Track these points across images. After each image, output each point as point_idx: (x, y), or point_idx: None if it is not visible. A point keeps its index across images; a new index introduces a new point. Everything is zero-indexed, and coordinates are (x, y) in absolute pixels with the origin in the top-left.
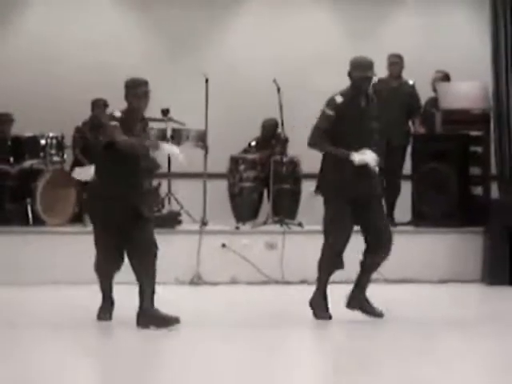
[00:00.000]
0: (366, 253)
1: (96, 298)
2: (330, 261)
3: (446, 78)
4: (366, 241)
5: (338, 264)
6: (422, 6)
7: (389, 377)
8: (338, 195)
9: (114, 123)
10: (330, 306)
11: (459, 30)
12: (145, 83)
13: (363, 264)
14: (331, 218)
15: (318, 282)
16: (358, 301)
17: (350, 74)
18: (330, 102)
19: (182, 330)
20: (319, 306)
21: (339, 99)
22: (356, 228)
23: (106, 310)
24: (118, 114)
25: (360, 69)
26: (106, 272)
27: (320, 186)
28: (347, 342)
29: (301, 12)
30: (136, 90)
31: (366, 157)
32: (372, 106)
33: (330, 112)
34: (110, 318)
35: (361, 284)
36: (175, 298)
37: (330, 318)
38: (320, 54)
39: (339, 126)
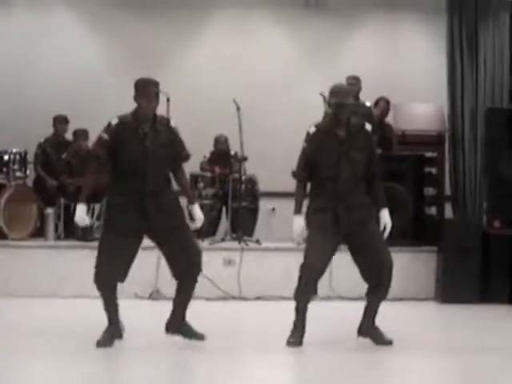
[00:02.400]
0: (368, 289)
1: (53, 310)
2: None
3: (387, 104)
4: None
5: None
6: (381, 28)
7: None
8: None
9: (102, 137)
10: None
11: (416, 52)
12: (155, 83)
13: (367, 297)
14: (309, 240)
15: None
16: (367, 329)
17: (328, 102)
18: (306, 135)
19: (138, 345)
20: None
21: (312, 129)
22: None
23: (110, 335)
24: (114, 121)
25: (337, 95)
26: (110, 281)
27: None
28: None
29: (261, 32)
30: (147, 90)
31: (295, 234)
32: (355, 136)
33: (304, 144)
34: (110, 344)
35: (368, 313)
36: (134, 313)
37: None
38: (279, 74)
39: (318, 158)
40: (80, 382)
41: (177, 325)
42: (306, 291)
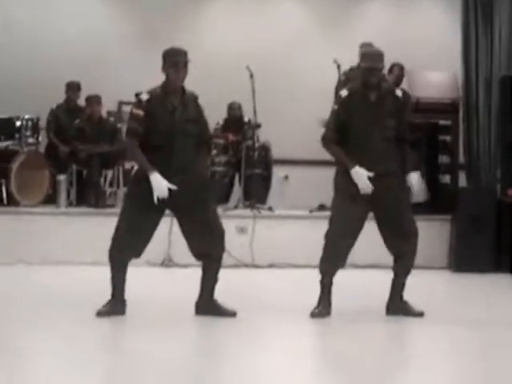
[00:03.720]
0: (393, 261)
1: (66, 277)
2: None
3: (402, 70)
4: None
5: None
6: None
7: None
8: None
9: (136, 113)
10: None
11: (430, 20)
12: (184, 53)
13: (393, 270)
14: (333, 212)
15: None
16: (396, 306)
17: (358, 66)
18: (337, 97)
19: (154, 311)
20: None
21: (344, 93)
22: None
23: (111, 308)
24: (145, 96)
25: (368, 59)
26: (126, 256)
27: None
28: (314, 328)
29: (275, 1)
30: (174, 60)
31: (363, 184)
32: (386, 101)
33: (335, 106)
34: (112, 314)
35: (395, 289)
36: (147, 280)
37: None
38: (292, 41)
39: (349, 123)
40: (91, 350)
41: (205, 305)
42: (330, 263)
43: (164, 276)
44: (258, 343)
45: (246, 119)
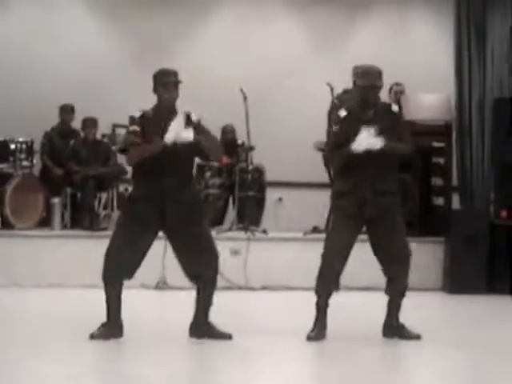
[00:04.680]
0: (386, 284)
1: (60, 300)
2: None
3: (403, 90)
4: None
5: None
6: (388, 18)
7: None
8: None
9: (132, 129)
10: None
11: (423, 42)
12: (174, 73)
13: (386, 291)
14: (329, 231)
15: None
16: (393, 329)
17: (354, 83)
18: (334, 118)
19: (148, 334)
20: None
21: (342, 113)
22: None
23: (106, 331)
24: (137, 114)
25: (367, 77)
26: (119, 277)
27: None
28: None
29: (271, 22)
30: (165, 80)
31: (364, 141)
32: (383, 118)
33: (336, 127)
34: (105, 339)
35: (391, 312)
36: (141, 303)
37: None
38: (286, 64)
39: (347, 143)
40: (83, 373)
41: (200, 328)
42: (326, 284)
43: (158, 299)
44: (252, 367)
45: (239, 142)
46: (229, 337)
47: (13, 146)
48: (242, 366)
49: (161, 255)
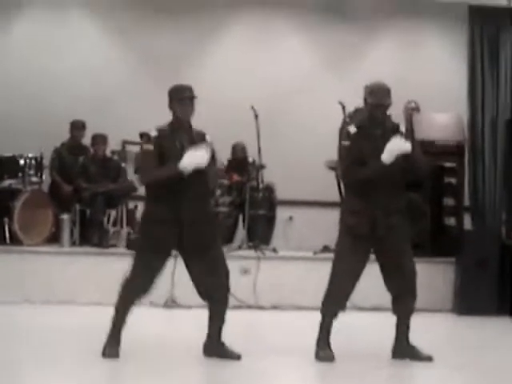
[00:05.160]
0: (392, 303)
1: (69, 316)
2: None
3: (417, 108)
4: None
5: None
6: (401, 37)
7: None
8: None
9: (146, 148)
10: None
11: (436, 61)
12: (189, 89)
13: (394, 311)
14: (338, 252)
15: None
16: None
17: (365, 101)
18: (344, 134)
19: (157, 353)
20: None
21: (353, 129)
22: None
23: (115, 345)
24: (153, 133)
25: (376, 95)
26: (137, 298)
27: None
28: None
29: (282, 40)
30: (181, 96)
31: (395, 146)
32: (391, 137)
33: (346, 143)
34: (118, 354)
35: (400, 332)
36: (149, 321)
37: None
38: (298, 82)
39: (359, 159)
40: None
41: (213, 347)
42: (334, 304)
43: (167, 317)
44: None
45: (250, 160)
46: (238, 357)
47: (22, 162)
48: None
49: (170, 273)
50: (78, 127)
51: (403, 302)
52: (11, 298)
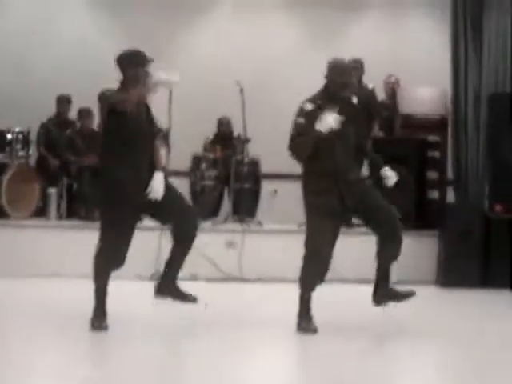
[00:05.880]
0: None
1: (56, 290)
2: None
3: (397, 82)
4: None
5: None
6: (384, 11)
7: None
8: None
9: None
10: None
11: (419, 36)
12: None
13: (377, 256)
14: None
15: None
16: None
17: (326, 77)
18: (299, 111)
19: (140, 326)
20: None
21: (308, 106)
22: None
23: (102, 317)
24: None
25: (340, 74)
26: (111, 266)
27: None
28: (301, 341)
29: (265, 15)
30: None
31: (327, 121)
32: (345, 110)
33: (300, 120)
34: (106, 327)
35: (381, 275)
36: (135, 294)
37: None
38: (282, 56)
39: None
40: (78, 364)
41: (168, 287)
42: (312, 280)
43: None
44: (243, 357)
45: (235, 134)
46: (194, 300)
47: (9, 136)
48: (232, 356)
49: (156, 246)
50: (63, 102)
51: (387, 246)
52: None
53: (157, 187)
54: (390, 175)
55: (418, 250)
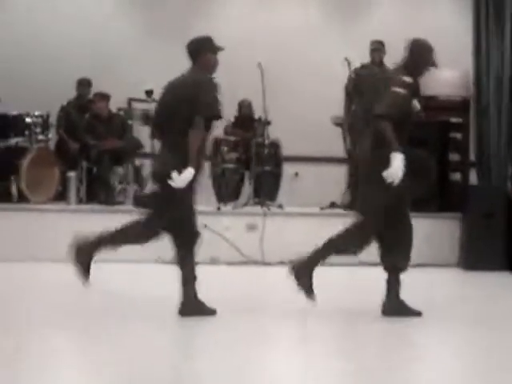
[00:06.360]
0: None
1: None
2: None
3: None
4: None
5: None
6: None
7: (370, 364)
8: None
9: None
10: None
11: (442, 18)
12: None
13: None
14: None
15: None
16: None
17: (411, 55)
18: (400, 82)
19: (166, 309)
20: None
21: (408, 79)
22: None
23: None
24: (409, 79)
25: (430, 54)
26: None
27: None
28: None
29: None
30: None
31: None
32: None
33: (403, 91)
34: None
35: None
36: (157, 277)
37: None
38: (303, 38)
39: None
40: (93, 348)
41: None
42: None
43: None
44: (264, 342)
45: (256, 116)
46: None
47: (28, 120)
48: (253, 342)
49: None
50: (83, 85)
51: (390, 254)
52: (18, 256)
53: None
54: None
55: (440, 233)
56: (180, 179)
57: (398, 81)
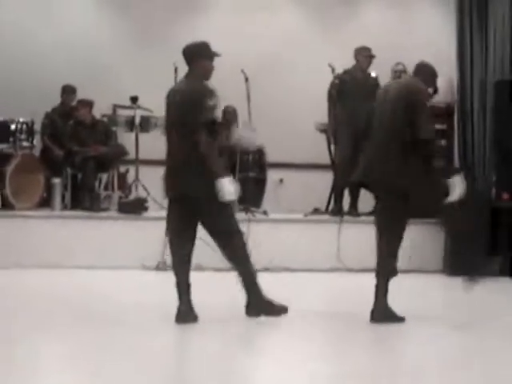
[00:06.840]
0: None
1: (62, 279)
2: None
3: (404, 70)
4: None
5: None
6: (391, 0)
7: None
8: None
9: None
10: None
11: (425, 24)
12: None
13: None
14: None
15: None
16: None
17: (418, 76)
18: (426, 95)
19: (148, 317)
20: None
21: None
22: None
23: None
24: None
25: (432, 76)
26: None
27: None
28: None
29: (270, 5)
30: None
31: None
32: None
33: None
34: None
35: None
36: (141, 284)
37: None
38: (287, 44)
39: None
40: (82, 351)
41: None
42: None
43: (158, 280)
44: (248, 347)
45: (240, 123)
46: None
47: (13, 127)
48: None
49: (161, 236)
50: (68, 92)
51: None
52: (3, 263)
53: None
54: None
55: (424, 238)
56: (226, 192)
57: (423, 92)
